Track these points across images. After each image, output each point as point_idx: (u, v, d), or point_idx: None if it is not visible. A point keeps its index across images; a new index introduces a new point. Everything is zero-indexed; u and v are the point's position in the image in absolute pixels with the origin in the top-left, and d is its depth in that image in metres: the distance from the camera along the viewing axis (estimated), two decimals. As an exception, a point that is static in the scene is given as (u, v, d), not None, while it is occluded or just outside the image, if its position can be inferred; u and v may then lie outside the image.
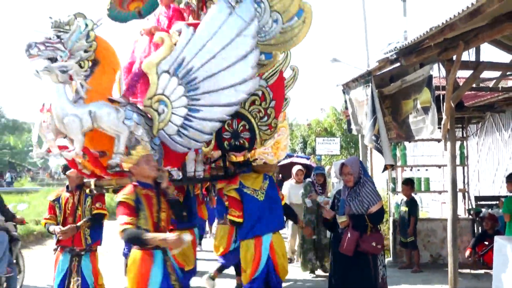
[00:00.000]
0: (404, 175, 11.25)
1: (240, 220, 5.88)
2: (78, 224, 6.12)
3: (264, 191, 5.99)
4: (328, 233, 8.02)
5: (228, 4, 5.36)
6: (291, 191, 9.70)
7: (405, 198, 9.73)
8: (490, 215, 9.31)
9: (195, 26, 5.46)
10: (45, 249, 13.09)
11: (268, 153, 10.42)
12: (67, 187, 6.41)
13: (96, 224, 6.32)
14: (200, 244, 12.01)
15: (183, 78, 5.29)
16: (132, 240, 4.66)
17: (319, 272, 9.20)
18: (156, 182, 4.85)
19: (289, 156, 16.45)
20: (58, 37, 4.99)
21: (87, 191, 6.23)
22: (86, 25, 5.08)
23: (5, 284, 7.49)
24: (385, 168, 8.58)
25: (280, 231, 6.27)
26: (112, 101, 5.23)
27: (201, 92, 5.33)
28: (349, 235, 5.19)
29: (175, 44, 5.37)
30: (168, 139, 5.39)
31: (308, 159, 18.62)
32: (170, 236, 4.54)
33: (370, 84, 8.48)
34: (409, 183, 9.80)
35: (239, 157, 6.02)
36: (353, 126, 10.03)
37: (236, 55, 5.33)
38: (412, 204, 9.62)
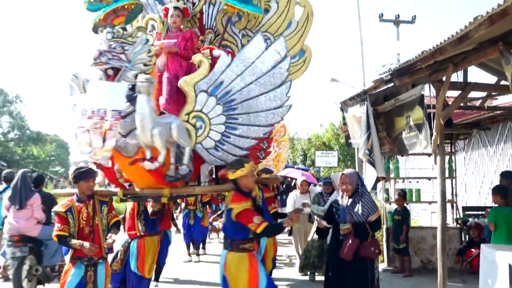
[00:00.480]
0: (397, 187, 11.22)
1: None
2: (111, 234, 5.73)
3: (260, 199, 6.19)
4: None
5: (265, 39, 5.62)
6: (296, 201, 9.62)
7: (398, 208, 9.72)
8: (476, 224, 9.28)
9: (232, 54, 5.69)
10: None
11: (270, 165, 10.45)
12: (77, 196, 5.63)
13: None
14: (204, 248, 12.10)
15: (222, 98, 5.39)
16: (274, 231, 5.55)
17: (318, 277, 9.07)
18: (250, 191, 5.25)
19: (290, 167, 16.48)
20: (122, 47, 4.81)
21: (118, 199, 5.93)
22: (147, 39, 5.01)
23: (58, 272, 7.87)
24: (377, 180, 8.59)
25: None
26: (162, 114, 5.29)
27: (239, 112, 5.43)
28: (350, 241, 5.16)
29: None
30: (205, 152, 5.43)
31: (307, 170, 18.63)
32: (292, 214, 5.23)
33: (366, 102, 8.52)
34: (402, 194, 9.79)
35: None
36: (351, 141, 10.07)
37: (272, 83, 5.45)
38: (404, 213, 9.61)
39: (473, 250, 8.66)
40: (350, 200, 5.40)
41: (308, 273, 9.14)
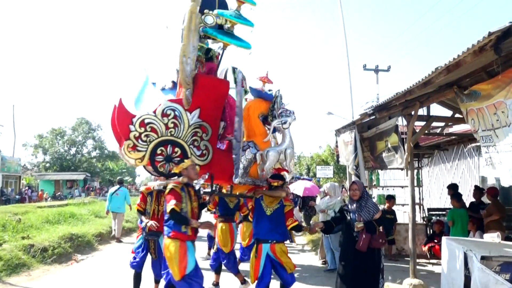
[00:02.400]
0: (378, 192, 11.11)
1: None
2: None
3: (273, 209, 5.31)
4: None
5: None
6: (321, 203, 8.67)
7: (387, 209, 9.25)
8: (438, 220, 9.13)
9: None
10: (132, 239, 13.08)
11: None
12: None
13: None
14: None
15: None
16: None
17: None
18: None
19: (297, 178, 16.34)
20: None
21: None
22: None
23: None
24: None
25: None
26: None
27: None
28: (364, 236, 4.91)
29: None
30: None
31: (311, 180, 18.49)
32: None
33: (354, 130, 8.52)
34: (392, 199, 9.46)
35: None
36: (340, 159, 10.04)
37: None
38: (394, 213, 9.37)
39: (435, 240, 8.50)
40: (357, 203, 5.13)
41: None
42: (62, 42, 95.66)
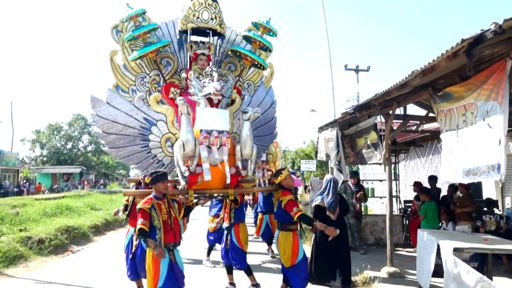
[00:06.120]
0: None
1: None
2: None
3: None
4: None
5: (248, 84, 6.04)
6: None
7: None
8: (416, 182, 8.97)
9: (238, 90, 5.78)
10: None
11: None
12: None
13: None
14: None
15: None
16: (307, 220, 4.85)
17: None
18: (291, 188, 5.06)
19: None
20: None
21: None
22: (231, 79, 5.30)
23: None
24: (343, 181, 8.55)
25: None
26: None
27: (255, 135, 5.31)
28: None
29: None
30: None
31: (295, 173, 18.55)
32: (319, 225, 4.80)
33: (336, 127, 8.53)
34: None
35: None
36: (319, 154, 10.10)
37: (268, 118, 5.85)
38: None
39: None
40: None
41: None
42: (59, 40, 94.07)
